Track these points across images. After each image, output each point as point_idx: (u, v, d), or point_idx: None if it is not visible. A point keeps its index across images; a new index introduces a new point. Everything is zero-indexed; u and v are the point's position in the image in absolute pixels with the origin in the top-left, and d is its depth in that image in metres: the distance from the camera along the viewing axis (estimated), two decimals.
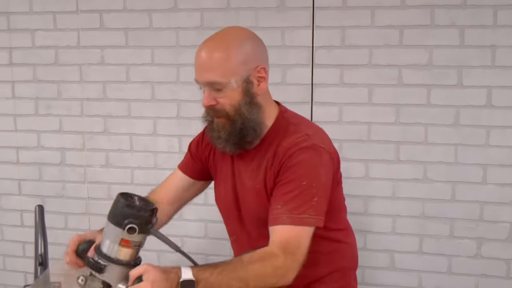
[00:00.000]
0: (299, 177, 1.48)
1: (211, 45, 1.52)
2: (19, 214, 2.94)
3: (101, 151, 2.79)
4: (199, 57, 1.51)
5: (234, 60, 1.49)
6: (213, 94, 1.50)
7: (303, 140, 1.53)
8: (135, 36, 2.64)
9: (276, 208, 1.46)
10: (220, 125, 1.55)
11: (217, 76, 1.48)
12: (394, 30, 2.36)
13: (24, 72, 2.80)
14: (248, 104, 1.53)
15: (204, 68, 1.49)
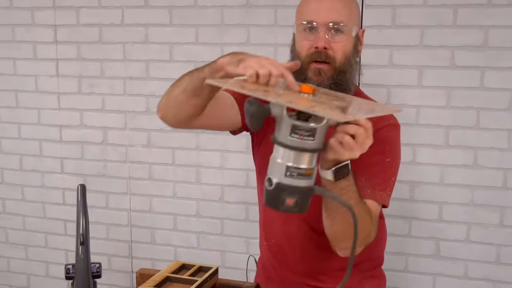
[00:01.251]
0: (384, 153, 1.49)
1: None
2: (61, 192, 2.96)
3: (143, 131, 2.78)
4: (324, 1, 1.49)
5: (356, 11, 1.54)
6: (328, 37, 1.47)
7: (389, 117, 1.54)
8: (180, 14, 2.61)
9: (360, 180, 1.42)
10: (323, 72, 1.48)
11: (343, 17, 1.47)
12: (448, 9, 2.27)
13: (68, 50, 2.80)
14: (354, 59, 1.52)
15: (331, 8, 1.47)
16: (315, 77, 1.48)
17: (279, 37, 2.48)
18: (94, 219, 2.82)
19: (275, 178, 1.08)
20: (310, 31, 1.48)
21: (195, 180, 2.74)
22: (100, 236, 2.93)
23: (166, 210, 2.82)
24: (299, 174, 1.07)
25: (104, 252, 2.94)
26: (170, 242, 2.84)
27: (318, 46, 1.47)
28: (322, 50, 1.47)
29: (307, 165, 1.07)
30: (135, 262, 2.91)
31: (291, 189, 1.07)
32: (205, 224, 2.77)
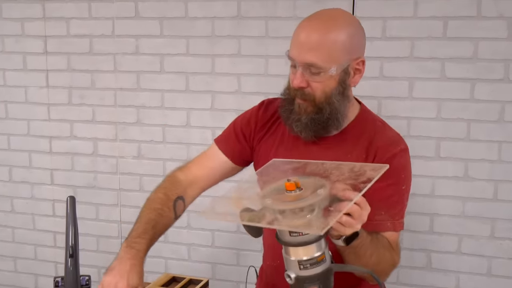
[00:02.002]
0: (400, 181, 1.48)
1: (319, 25, 1.42)
2: (51, 204, 2.94)
3: (133, 142, 2.76)
4: (303, 35, 1.41)
5: (340, 47, 1.41)
6: (306, 76, 1.42)
7: (399, 141, 1.53)
8: (170, 25, 2.61)
9: (379, 214, 1.44)
10: (303, 108, 1.47)
11: (319, 59, 1.39)
12: (438, 21, 2.28)
13: (58, 61, 2.79)
14: (340, 95, 1.46)
15: (307, 48, 1.40)
16: (297, 109, 1.48)
17: (270, 48, 2.48)
18: (84, 231, 2.79)
19: (292, 274, 1.16)
20: (293, 66, 1.47)
21: None
22: (90, 248, 2.90)
23: None
24: (313, 264, 1.14)
25: (94, 264, 2.91)
26: (160, 254, 2.82)
27: (293, 85, 1.46)
28: (299, 89, 1.45)
29: (317, 252, 1.14)
30: None
31: (310, 279, 1.15)
32: (195, 236, 2.75)
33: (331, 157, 1.46)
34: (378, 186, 1.37)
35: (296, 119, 1.49)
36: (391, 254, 1.45)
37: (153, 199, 1.66)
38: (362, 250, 1.31)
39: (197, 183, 1.72)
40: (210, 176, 1.73)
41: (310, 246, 1.13)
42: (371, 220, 1.40)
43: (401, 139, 1.54)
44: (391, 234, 1.48)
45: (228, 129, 1.75)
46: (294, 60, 1.43)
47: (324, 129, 1.50)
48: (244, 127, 1.69)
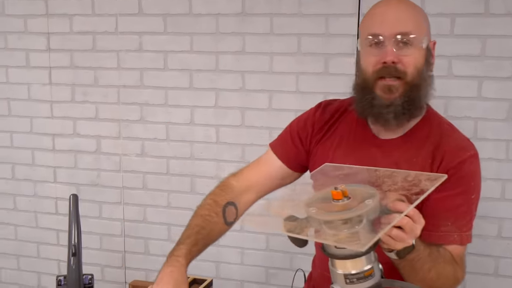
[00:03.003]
0: (469, 190, 1.40)
1: (397, 2, 1.40)
2: (54, 202, 2.92)
3: (137, 140, 2.74)
4: (388, 11, 1.38)
5: (425, 20, 1.43)
6: (396, 51, 1.35)
7: (469, 146, 1.44)
8: (174, 22, 2.58)
9: (445, 225, 1.38)
10: (395, 88, 1.37)
11: (411, 27, 1.35)
12: (445, 19, 2.25)
13: (61, 58, 2.77)
14: (427, 73, 1.42)
15: (397, 18, 1.35)
16: (385, 94, 1.38)
17: (275, 45, 2.46)
18: (87, 229, 2.78)
19: (338, 287, 1.08)
20: (376, 45, 1.37)
21: (190, 190, 2.71)
22: (93, 246, 2.89)
23: (160, 220, 2.78)
24: (360, 278, 1.06)
25: (97, 263, 2.90)
26: (164, 252, 2.75)
27: (386, 60, 1.35)
28: (391, 65, 1.35)
29: (366, 266, 1.05)
30: (128, 272, 2.87)
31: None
32: None
33: (394, 161, 1.41)
34: (446, 194, 1.36)
35: (387, 104, 1.38)
36: (454, 268, 1.37)
37: (201, 206, 1.60)
38: (419, 264, 1.25)
39: (252, 189, 1.63)
40: (266, 181, 1.64)
41: (358, 259, 1.05)
42: (436, 231, 1.38)
43: (471, 144, 1.46)
44: (455, 248, 1.40)
45: (284, 132, 1.68)
46: (380, 35, 1.35)
47: (413, 111, 1.40)
48: (300, 130, 1.61)
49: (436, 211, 1.36)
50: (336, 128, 1.56)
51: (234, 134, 2.59)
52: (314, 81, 2.43)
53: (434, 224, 1.36)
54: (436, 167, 1.40)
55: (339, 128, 1.55)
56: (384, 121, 1.41)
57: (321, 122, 1.58)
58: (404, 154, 1.43)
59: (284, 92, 2.48)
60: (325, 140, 1.56)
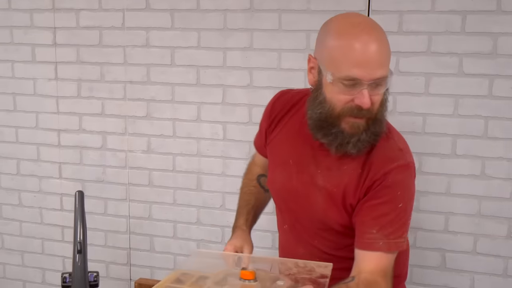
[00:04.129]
0: (396, 199, 1.40)
1: (378, 37, 1.32)
2: (59, 198, 2.91)
3: (143, 136, 2.72)
4: (371, 52, 1.30)
5: (390, 53, 1.37)
6: (370, 93, 1.32)
7: (398, 156, 1.43)
8: (181, 17, 2.56)
9: (370, 232, 1.39)
10: (359, 126, 1.37)
11: (386, 71, 1.33)
12: (456, 16, 2.22)
13: (67, 53, 2.75)
14: (386, 103, 1.42)
15: (377, 64, 1.30)
16: (351, 130, 1.37)
17: (283, 42, 2.43)
18: (92, 226, 2.76)
19: None
20: (350, 85, 1.32)
21: (196, 187, 2.69)
22: (98, 243, 2.87)
23: (166, 217, 2.76)
24: None
25: (102, 259, 2.88)
26: (169, 250, 2.78)
27: (363, 106, 1.32)
28: (365, 108, 1.34)
29: None
30: (133, 270, 2.86)
31: None
32: (205, 231, 2.71)
33: (326, 166, 1.47)
34: (372, 203, 1.40)
35: (354, 140, 1.38)
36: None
37: (241, 188, 1.89)
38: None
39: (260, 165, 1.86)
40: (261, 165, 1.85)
41: None
42: (362, 238, 1.40)
43: (400, 155, 1.44)
44: (384, 256, 1.39)
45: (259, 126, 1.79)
46: (360, 80, 1.30)
47: (375, 142, 1.42)
48: (263, 122, 1.71)
49: (364, 218, 1.41)
50: (286, 122, 1.60)
51: (241, 131, 2.57)
52: None
53: (360, 231, 1.41)
54: (363, 178, 1.42)
55: (289, 123, 1.59)
56: (345, 152, 1.42)
57: (274, 113, 1.64)
58: (337, 162, 1.45)
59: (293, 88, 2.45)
60: (276, 134, 1.63)
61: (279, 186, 1.61)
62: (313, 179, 1.49)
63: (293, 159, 1.54)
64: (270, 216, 2.03)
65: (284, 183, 1.57)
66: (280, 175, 1.58)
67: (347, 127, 1.37)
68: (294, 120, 1.58)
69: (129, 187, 2.79)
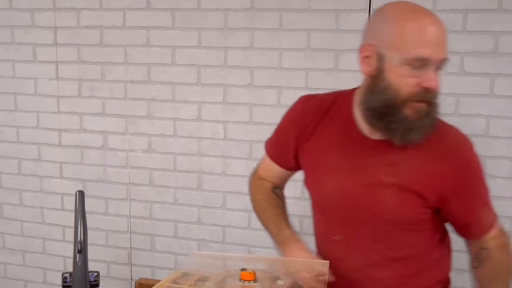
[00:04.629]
0: (482, 178, 1.48)
1: (437, 20, 1.33)
2: (60, 198, 2.90)
3: (143, 136, 2.72)
4: (437, 32, 1.31)
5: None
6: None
7: (465, 138, 1.46)
8: (182, 17, 2.56)
9: (482, 217, 1.49)
10: (422, 110, 1.34)
11: (447, 53, 1.34)
12: (457, 14, 2.22)
13: (68, 53, 2.75)
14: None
15: (443, 45, 1.32)
16: (415, 115, 1.35)
17: (284, 41, 2.43)
18: (93, 225, 2.76)
19: None
20: (418, 67, 1.31)
21: (197, 187, 2.69)
22: (99, 242, 2.87)
23: (167, 217, 2.76)
24: None
25: (103, 259, 2.88)
26: (170, 249, 2.78)
27: (430, 86, 1.32)
28: (432, 91, 1.33)
29: None
30: (134, 269, 2.86)
31: None
32: (206, 231, 2.71)
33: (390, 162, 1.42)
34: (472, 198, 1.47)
35: (418, 125, 1.35)
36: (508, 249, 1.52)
37: (258, 206, 1.74)
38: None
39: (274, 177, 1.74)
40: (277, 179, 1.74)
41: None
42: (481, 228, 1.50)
43: (464, 136, 1.48)
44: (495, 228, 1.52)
45: (275, 133, 1.69)
46: (428, 60, 1.30)
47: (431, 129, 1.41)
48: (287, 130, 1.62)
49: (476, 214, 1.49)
50: (323, 127, 1.53)
51: (242, 131, 2.56)
52: (323, 77, 2.40)
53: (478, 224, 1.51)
54: (441, 164, 1.40)
55: (326, 128, 1.52)
56: (408, 140, 1.38)
57: (306, 120, 1.55)
58: (402, 155, 1.41)
59: (293, 88, 2.45)
60: (314, 141, 1.54)
61: (332, 193, 1.51)
62: (376, 178, 1.42)
63: (346, 163, 1.46)
64: None
65: (339, 189, 1.48)
66: (331, 182, 1.50)
67: (410, 113, 1.34)
68: (333, 124, 1.51)
69: (130, 187, 2.79)
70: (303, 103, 1.59)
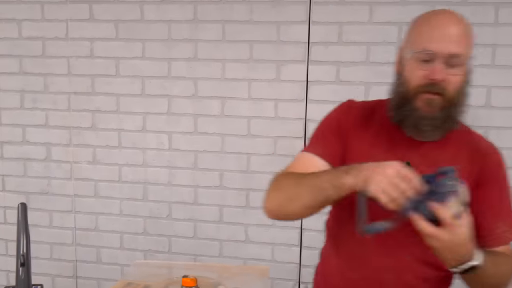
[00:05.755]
0: (509, 190, 1.49)
1: (454, 16, 1.40)
2: (2, 211, 2.85)
3: (88, 147, 2.71)
4: (444, 26, 1.38)
5: (472, 41, 1.42)
6: (445, 69, 1.37)
7: (497, 150, 1.51)
8: (126, 28, 2.57)
9: (498, 227, 1.44)
10: (435, 103, 1.39)
11: (463, 48, 1.37)
12: (393, 27, 2.30)
13: (10, 64, 2.71)
14: (465, 91, 1.44)
15: (452, 37, 1.37)
16: (426, 107, 1.40)
17: (227, 52, 2.47)
18: (37, 238, 2.73)
19: None
20: (425, 60, 1.39)
21: (142, 197, 2.69)
22: (44, 256, 2.83)
23: (112, 228, 2.75)
24: None
25: (48, 273, 2.84)
26: (116, 261, 2.77)
27: (435, 78, 1.38)
28: (438, 82, 1.38)
29: None
30: (80, 282, 2.83)
31: None
32: (152, 242, 2.71)
33: (432, 161, 1.43)
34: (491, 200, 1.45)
35: (428, 117, 1.40)
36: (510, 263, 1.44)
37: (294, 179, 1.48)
38: (483, 277, 1.33)
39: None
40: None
41: None
42: (491, 235, 1.44)
43: (496, 148, 1.53)
44: (508, 246, 1.46)
45: (319, 134, 1.59)
46: (434, 53, 1.37)
47: (451, 125, 1.44)
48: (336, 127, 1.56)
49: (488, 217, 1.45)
50: (369, 126, 1.54)
51: (187, 141, 2.59)
52: (265, 88, 2.45)
53: (488, 229, 1.45)
54: (477, 169, 1.46)
55: (372, 127, 1.54)
56: (421, 133, 1.44)
57: (355, 118, 1.55)
58: (442, 155, 1.46)
59: (237, 98, 2.49)
60: (360, 136, 1.54)
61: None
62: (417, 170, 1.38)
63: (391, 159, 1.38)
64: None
65: None
66: None
67: (422, 105, 1.40)
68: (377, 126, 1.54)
69: (74, 199, 2.76)
70: (347, 106, 1.60)
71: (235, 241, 2.60)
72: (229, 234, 2.61)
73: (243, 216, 2.57)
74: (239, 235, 2.60)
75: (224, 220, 2.61)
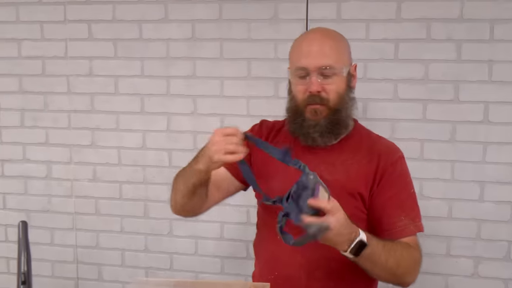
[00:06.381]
0: (408, 186, 1.63)
1: (321, 35, 1.61)
2: (3, 229, 2.86)
3: (88, 165, 2.72)
4: (312, 44, 1.57)
5: (345, 51, 1.62)
6: (320, 81, 1.54)
7: (396, 148, 1.67)
8: (124, 47, 2.58)
9: (400, 220, 1.56)
10: (319, 112, 1.57)
11: (331, 61, 1.54)
12: (389, 44, 2.31)
13: (9, 83, 2.73)
14: (348, 96, 1.60)
15: (319, 54, 1.55)
16: (312, 116, 1.57)
17: (225, 70, 2.48)
18: (38, 256, 2.74)
19: None
20: (303, 76, 1.56)
21: (143, 214, 2.69)
22: (45, 273, 2.83)
23: (114, 246, 2.75)
24: None
25: None
26: (118, 278, 2.77)
27: (311, 90, 1.54)
28: (316, 94, 1.55)
29: None
30: None
31: None
32: (154, 259, 2.71)
33: (330, 162, 1.60)
34: (391, 194, 1.57)
35: (313, 124, 1.57)
36: (409, 252, 1.53)
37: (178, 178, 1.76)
38: (376, 257, 1.42)
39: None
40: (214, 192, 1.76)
41: None
42: (394, 229, 1.56)
43: (397, 147, 1.68)
44: (415, 238, 1.59)
45: None
46: (306, 68, 1.55)
47: (337, 131, 1.60)
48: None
49: (388, 210, 1.56)
50: (274, 138, 1.73)
51: (187, 158, 2.55)
52: (264, 105, 2.46)
53: (389, 222, 1.56)
54: (373, 168, 1.59)
55: (277, 139, 1.72)
56: (312, 140, 1.60)
57: (264, 132, 1.76)
58: (339, 157, 1.62)
59: (235, 115, 2.50)
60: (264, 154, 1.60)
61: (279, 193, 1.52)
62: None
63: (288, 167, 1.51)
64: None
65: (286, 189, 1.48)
66: (278, 182, 1.60)
67: (309, 115, 1.58)
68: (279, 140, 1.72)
69: (75, 216, 2.77)
70: (261, 124, 1.80)
71: (236, 258, 2.60)
72: (231, 251, 2.61)
73: (244, 232, 2.57)
74: (240, 252, 2.60)
75: (225, 237, 2.61)
